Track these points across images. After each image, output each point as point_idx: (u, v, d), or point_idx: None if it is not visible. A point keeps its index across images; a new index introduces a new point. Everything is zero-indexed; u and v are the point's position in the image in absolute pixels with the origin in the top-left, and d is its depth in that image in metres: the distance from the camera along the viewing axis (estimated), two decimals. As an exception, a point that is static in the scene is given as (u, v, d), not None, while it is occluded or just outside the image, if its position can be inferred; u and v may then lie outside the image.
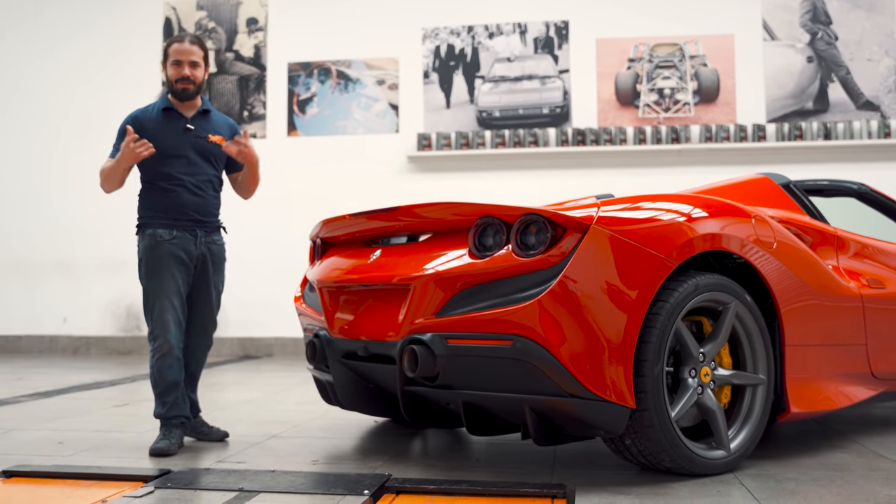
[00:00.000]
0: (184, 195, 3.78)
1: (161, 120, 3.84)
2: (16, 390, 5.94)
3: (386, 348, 3.33)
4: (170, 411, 3.75)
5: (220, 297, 4.01)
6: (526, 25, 9.01)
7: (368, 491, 2.88)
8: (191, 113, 3.89)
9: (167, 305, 3.72)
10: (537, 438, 3.04)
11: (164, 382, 3.74)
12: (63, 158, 9.57)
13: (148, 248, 3.77)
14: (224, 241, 4.00)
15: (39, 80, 9.73)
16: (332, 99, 9.22)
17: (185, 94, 3.85)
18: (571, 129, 8.70)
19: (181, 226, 3.78)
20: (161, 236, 3.75)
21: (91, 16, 9.72)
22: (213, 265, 3.89)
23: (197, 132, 3.86)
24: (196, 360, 3.96)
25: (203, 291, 3.89)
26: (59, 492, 3.01)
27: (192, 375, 3.97)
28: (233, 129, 4.02)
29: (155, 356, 3.73)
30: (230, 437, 3.96)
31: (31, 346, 9.54)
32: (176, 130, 3.83)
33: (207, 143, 3.86)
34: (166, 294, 3.72)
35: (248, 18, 9.41)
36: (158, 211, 3.79)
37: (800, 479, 3.05)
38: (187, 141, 3.83)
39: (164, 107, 3.87)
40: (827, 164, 8.28)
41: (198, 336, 3.92)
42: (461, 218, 3.24)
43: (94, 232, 9.39)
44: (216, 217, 3.95)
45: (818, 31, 8.58)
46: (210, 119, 3.94)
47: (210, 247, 3.87)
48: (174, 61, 3.84)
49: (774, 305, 3.33)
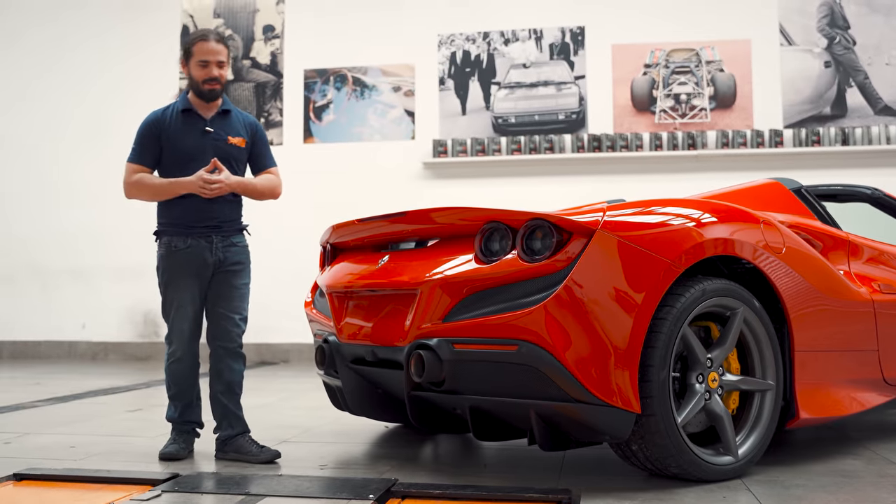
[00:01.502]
0: (200, 202, 3.68)
1: (180, 122, 3.74)
2: (33, 395, 5.99)
3: (393, 353, 3.34)
4: (181, 416, 3.74)
5: (246, 300, 3.82)
6: (541, 31, 9.01)
7: (374, 496, 2.88)
8: (210, 114, 3.78)
9: (181, 314, 3.70)
10: (543, 444, 3.03)
11: (175, 386, 3.73)
12: (81, 164, 9.66)
13: (164, 257, 3.73)
14: (247, 243, 3.86)
15: (56, 86, 9.82)
16: (349, 106, 9.26)
17: (211, 95, 3.75)
18: (587, 135, 8.69)
19: (196, 233, 3.69)
20: (176, 245, 3.69)
21: (108, 22, 9.81)
22: (233, 267, 3.75)
23: (216, 134, 3.75)
24: (228, 368, 3.73)
25: (223, 294, 3.74)
26: (68, 495, 3.04)
27: (229, 385, 3.73)
28: (252, 127, 3.91)
29: (169, 360, 3.73)
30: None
31: (51, 351, 9.62)
32: (195, 133, 3.74)
33: (227, 145, 3.76)
34: (181, 303, 3.70)
35: (264, 26, 9.47)
36: (174, 219, 3.72)
37: (807, 486, 3.03)
38: (206, 144, 3.73)
39: (184, 108, 3.77)
40: (845, 169, 8.20)
41: (221, 340, 3.74)
42: (468, 223, 3.25)
43: (112, 238, 9.46)
44: (236, 220, 3.83)
45: (836, 35, 8.52)
46: (230, 119, 3.83)
47: (228, 250, 3.74)
48: (201, 62, 3.72)
49: (784, 311, 3.31)
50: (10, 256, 9.77)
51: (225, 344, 3.75)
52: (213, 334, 3.78)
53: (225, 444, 3.69)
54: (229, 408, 3.72)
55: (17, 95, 9.94)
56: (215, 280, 3.75)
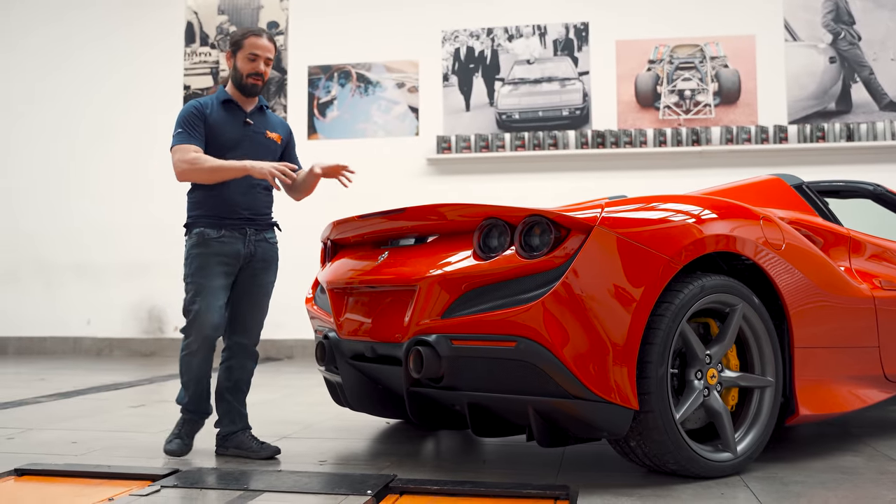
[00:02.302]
0: (234, 194, 3.66)
1: (222, 112, 3.73)
2: (37, 391, 6.02)
3: (392, 349, 3.35)
4: (190, 403, 3.66)
5: (269, 298, 3.84)
6: (545, 27, 9.01)
7: (371, 491, 2.89)
8: (249, 108, 3.79)
9: (208, 303, 3.58)
10: (541, 440, 3.03)
11: (189, 372, 3.64)
12: (85, 161, 9.70)
13: (195, 246, 3.65)
14: (277, 240, 3.87)
15: (62, 83, 9.86)
16: (352, 102, 9.26)
17: (253, 90, 3.74)
18: (591, 131, 8.68)
19: (229, 224, 3.66)
20: (208, 234, 3.63)
21: (113, 20, 9.84)
22: (261, 264, 3.75)
23: (256, 127, 3.76)
24: (241, 367, 3.75)
25: (248, 290, 3.73)
26: (68, 490, 3.05)
27: (237, 383, 3.74)
28: (286, 128, 3.94)
29: (187, 350, 3.62)
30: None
31: (56, 347, 9.66)
32: (236, 123, 3.73)
33: (265, 138, 3.77)
34: (209, 291, 3.59)
35: (268, 22, 9.48)
36: (207, 210, 3.67)
37: (806, 483, 3.02)
38: (246, 135, 3.73)
39: (225, 99, 3.75)
40: (849, 165, 8.19)
41: (239, 336, 3.74)
42: (467, 219, 3.24)
43: (116, 235, 9.50)
44: (268, 215, 3.83)
45: (841, 31, 8.50)
46: (267, 117, 3.85)
47: (260, 245, 3.73)
48: (251, 55, 3.70)
49: (783, 307, 3.31)
50: (16, 252, 9.81)
51: (242, 340, 3.74)
52: (232, 329, 3.75)
53: (225, 440, 3.69)
54: (234, 405, 3.72)
55: (24, 94, 9.97)
56: (242, 275, 3.72)
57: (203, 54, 9.61)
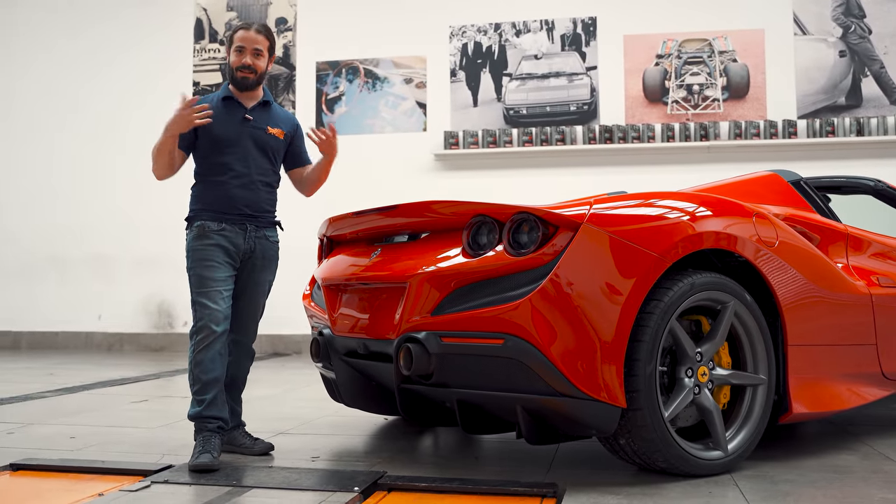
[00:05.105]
0: (234, 189, 3.62)
1: (220, 108, 3.69)
2: (43, 385, 6.07)
3: (384, 346, 3.36)
4: (206, 410, 3.43)
5: (266, 296, 3.78)
6: (553, 22, 8.97)
7: (359, 488, 2.90)
8: (251, 104, 3.74)
9: (214, 294, 3.50)
10: (530, 437, 3.03)
11: (203, 376, 3.45)
12: (96, 157, 9.75)
13: (195, 239, 3.60)
14: (278, 239, 3.81)
15: (70, 79, 9.91)
16: (360, 98, 9.27)
17: (244, 83, 3.70)
18: (599, 126, 8.65)
19: (230, 219, 3.61)
20: (209, 227, 3.59)
21: (121, 14, 9.88)
22: (261, 261, 3.69)
23: (255, 123, 3.71)
24: (236, 363, 3.70)
25: (248, 288, 3.68)
26: (61, 485, 3.08)
27: (233, 379, 3.71)
28: (293, 123, 3.89)
29: (196, 349, 3.47)
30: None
31: (68, 342, 9.73)
32: (234, 120, 3.69)
33: (266, 134, 3.72)
34: (214, 282, 3.52)
35: (277, 18, 9.50)
36: (208, 204, 3.64)
37: (797, 481, 3.00)
38: (245, 131, 3.68)
39: (225, 96, 3.73)
40: (860, 160, 8.12)
41: (237, 333, 3.68)
42: (457, 216, 3.24)
43: (127, 230, 9.56)
44: (270, 213, 3.77)
45: (851, 24, 8.42)
46: (270, 112, 3.80)
47: (260, 242, 3.67)
48: (237, 48, 3.69)
49: (776, 305, 3.28)
50: (30, 248, 9.88)
51: (240, 338, 3.71)
52: (230, 326, 3.67)
53: None
54: (228, 402, 3.68)
55: (31, 91, 10.04)
56: (241, 272, 3.67)
57: (212, 51, 9.64)
